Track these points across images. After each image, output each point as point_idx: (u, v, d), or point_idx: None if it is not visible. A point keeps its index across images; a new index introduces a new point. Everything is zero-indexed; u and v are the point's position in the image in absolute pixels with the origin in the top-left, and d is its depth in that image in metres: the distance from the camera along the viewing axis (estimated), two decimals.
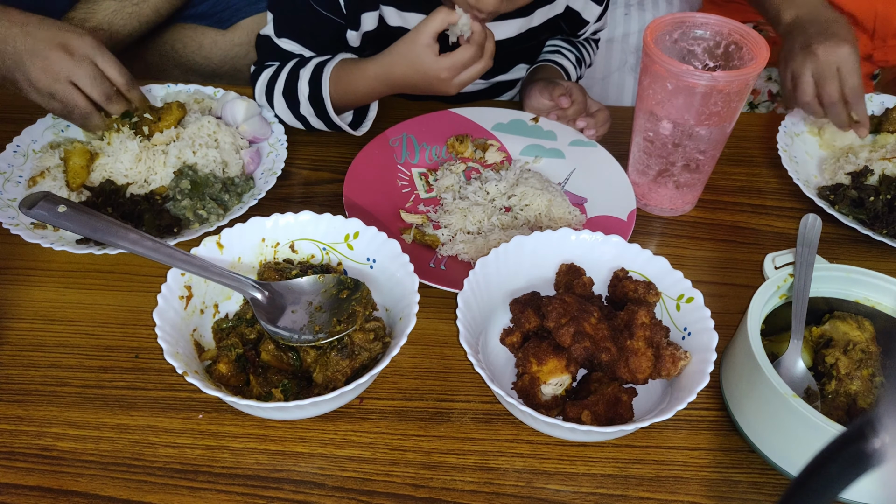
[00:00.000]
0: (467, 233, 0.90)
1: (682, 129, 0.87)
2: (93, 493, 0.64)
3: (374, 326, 0.72)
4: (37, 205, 0.66)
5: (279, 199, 0.96)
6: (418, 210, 0.95)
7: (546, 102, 1.07)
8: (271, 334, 0.70)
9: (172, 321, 0.68)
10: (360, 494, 0.65)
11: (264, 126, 1.02)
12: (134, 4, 1.30)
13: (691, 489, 0.67)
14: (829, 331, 0.74)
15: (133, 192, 0.92)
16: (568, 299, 0.68)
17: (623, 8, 1.81)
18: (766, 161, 1.07)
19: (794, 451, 0.65)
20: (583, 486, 0.67)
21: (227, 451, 0.68)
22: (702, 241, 0.95)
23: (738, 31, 0.88)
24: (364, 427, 0.70)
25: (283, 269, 0.76)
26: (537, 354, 0.68)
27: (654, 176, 0.94)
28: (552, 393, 0.68)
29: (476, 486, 0.66)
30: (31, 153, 0.96)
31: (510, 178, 0.97)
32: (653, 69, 0.84)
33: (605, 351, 0.67)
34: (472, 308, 0.71)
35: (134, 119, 0.98)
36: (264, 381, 0.69)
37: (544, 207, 0.92)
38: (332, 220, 0.77)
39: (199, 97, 1.06)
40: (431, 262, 0.86)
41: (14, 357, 0.75)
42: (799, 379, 0.71)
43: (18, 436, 0.69)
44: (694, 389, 0.63)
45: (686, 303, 0.72)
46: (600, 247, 0.77)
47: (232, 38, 1.48)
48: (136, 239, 0.68)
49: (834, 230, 0.94)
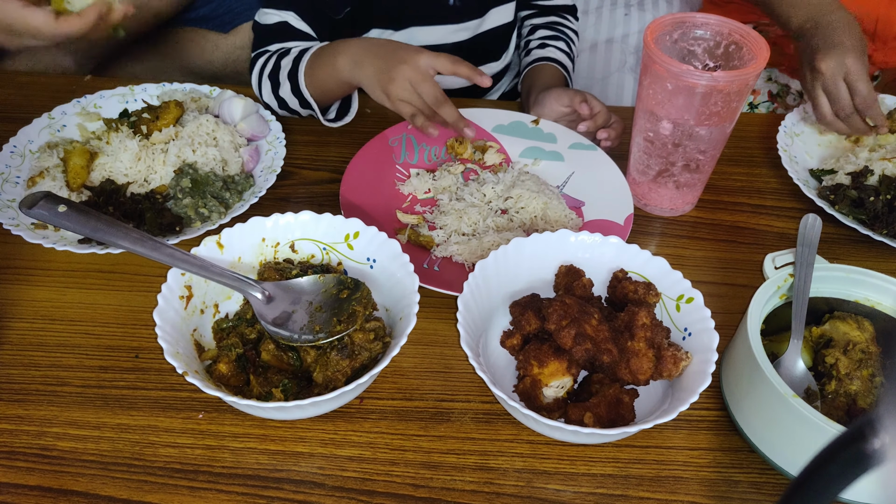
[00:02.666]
0: (462, 234, 0.90)
1: (683, 129, 0.87)
2: (93, 493, 0.64)
3: (374, 326, 0.72)
4: (37, 204, 0.66)
5: (279, 198, 0.96)
6: (415, 210, 0.95)
7: (562, 109, 1.06)
8: (271, 334, 0.70)
9: (173, 321, 0.68)
10: (360, 494, 0.65)
11: (262, 124, 1.02)
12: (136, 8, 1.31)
13: (691, 489, 0.67)
14: (829, 331, 0.74)
15: (133, 191, 0.92)
16: (568, 301, 0.68)
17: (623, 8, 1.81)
18: (766, 161, 1.07)
19: (794, 451, 0.65)
20: (583, 486, 0.67)
21: (227, 451, 0.68)
22: (702, 241, 0.95)
23: (738, 31, 0.88)
24: (364, 427, 0.71)
25: (283, 269, 0.76)
26: (538, 357, 0.68)
27: (654, 176, 0.94)
28: (554, 395, 0.68)
29: (476, 486, 0.66)
30: (29, 153, 0.96)
31: (507, 180, 0.96)
32: (653, 69, 0.84)
33: (607, 352, 0.67)
34: (472, 311, 0.71)
35: (132, 118, 0.98)
36: (264, 381, 0.69)
37: (540, 210, 0.92)
38: (332, 220, 0.78)
39: (196, 96, 1.06)
40: (425, 263, 0.86)
41: (15, 357, 0.75)
42: (799, 379, 0.71)
43: (19, 435, 0.69)
44: (696, 390, 0.63)
45: (686, 303, 0.72)
46: (599, 248, 0.77)
47: (233, 41, 1.48)
48: (136, 238, 0.68)
49: (834, 230, 0.94)
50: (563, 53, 1.20)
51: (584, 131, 1.04)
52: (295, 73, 1.00)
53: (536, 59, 1.19)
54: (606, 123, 1.04)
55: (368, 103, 1.12)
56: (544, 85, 1.12)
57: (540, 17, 1.27)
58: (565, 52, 1.21)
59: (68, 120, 1.00)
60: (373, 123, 1.08)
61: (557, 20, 1.26)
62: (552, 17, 1.27)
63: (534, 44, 1.22)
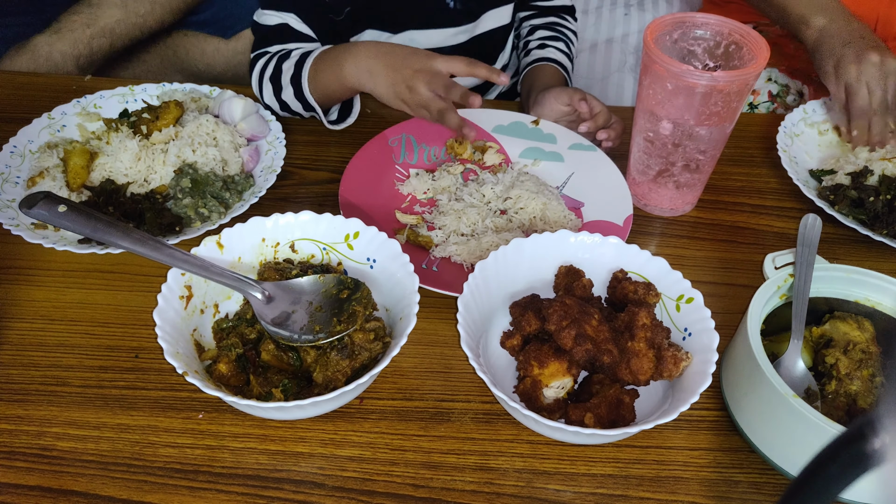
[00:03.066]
0: (461, 235, 0.90)
1: (683, 129, 0.87)
2: (93, 493, 0.64)
3: (374, 326, 0.72)
4: (37, 205, 0.66)
5: (279, 198, 0.96)
6: (414, 211, 0.95)
7: (562, 108, 1.06)
8: (271, 334, 0.70)
9: (172, 321, 0.68)
10: (360, 494, 0.65)
11: (262, 124, 1.02)
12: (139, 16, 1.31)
13: (691, 489, 0.67)
14: (829, 331, 0.74)
15: (133, 191, 0.92)
16: (568, 302, 0.68)
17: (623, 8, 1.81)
18: (766, 161, 1.07)
19: (794, 451, 0.65)
20: (583, 486, 0.67)
21: (227, 451, 0.68)
22: (702, 241, 0.95)
23: (738, 31, 0.88)
24: (364, 427, 0.70)
25: (283, 269, 0.76)
26: (539, 357, 0.68)
27: (654, 176, 0.94)
28: (554, 396, 0.68)
29: (476, 486, 0.66)
30: (28, 153, 0.96)
31: (506, 180, 0.96)
32: (653, 69, 0.84)
33: (607, 353, 0.67)
34: (473, 311, 0.71)
35: (132, 118, 0.98)
36: (264, 381, 0.69)
37: (538, 211, 0.92)
38: (332, 220, 0.77)
39: (196, 96, 1.06)
40: (424, 264, 0.86)
41: (14, 357, 0.75)
42: (799, 379, 0.71)
43: (18, 435, 0.69)
44: (696, 390, 0.63)
45: (686, 303, 0.72)
46: (599, 248, 0.77)
47: (235, 46, 1.48)
48: (136, 238, 0.68)
49: (834, 230, 0.94)
50: (562, 54, 1.21)
51: (585, 132, 1.04)
52: (298, 78, 1.00)
53: (536, 59, 1.19)
54: (607, 124, 1.04)
55: (368, 104, 1.12)
56: (544, 85, 1.12)
57: (539, 18, 1.27)
58: (564, 53, 1.21)
59: (68, 120, 1.00)
60: (373, 123, 1.08)
61: (556, 21, 1.27)
62: (551, 18, 1.27)
63: (533, 44, 1.23)
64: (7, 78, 1.17)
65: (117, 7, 1.29)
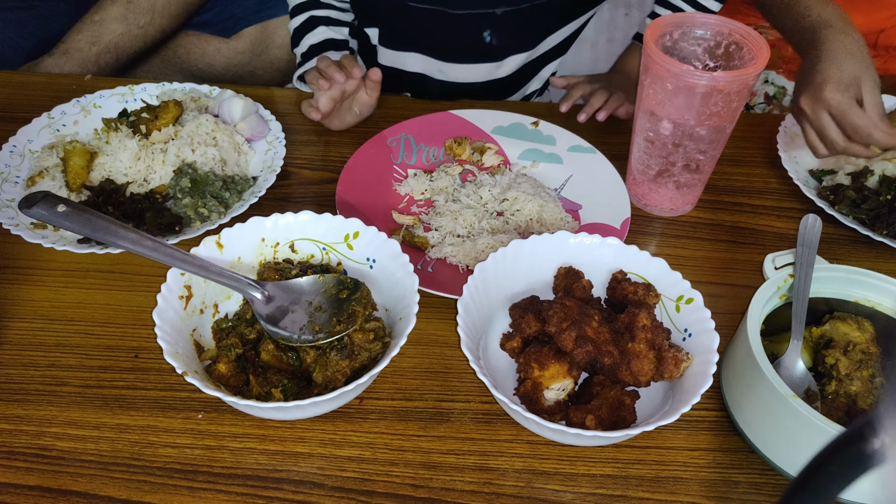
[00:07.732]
0: (457, 236, 0.90)
1: (683, 129, 0.87)
2: (92, 493, 0.64)
3: (374, 326, 0.72)
4: (36, 204, 0.66)
5: (279, 198, 0.96)
6: (411, 211, 0.95)
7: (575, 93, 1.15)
8: (271, 334, 0.70)
9: (172, 321, 0.68)
10: (359, 494, 0.65)
11: (262, 124, 1.02)
12: (140, 28, 1.31)
13: (691, 490, 0.67)
14: (829, 331, 0.73)
15: (133, 191, 0.92)
16: (568, 303, 0.68)
17: (623, 8, 1.81)
18: (766, 161, 1.07)
19: (794, 452, 0.65)
20: (582, 486, 0.67)
21: (226, 451, 0.68)
22: (702, 241, 0.95)
23: (738, 32, 0.88)
24: (364, 427, 0.70)
25: (282, 269, 0.76)
26: (539, 359, 0.68)
27: (654, 176, 0.94)
28: (555, 398, 0.68)
29: (476, 486, 0.66)
30: (28, 153, 0.96)
31: (504, 182, 0.96)
32: (653, 69, 0.84)
33: (607, 354, 0.67)
34: (472, 313, 0.71)
35: (131, 118, 0.98)
36: (264, 381, 0.69)
37: (535, 213, 0.92)
38: (331, 220, 0.77)
39: (196, 95, 1.06)
40: (419, 265, 0.86)
41: (14, 356, 0.75)
42: (799, 379, 0.71)
43: (18, 435, 0.68)
44: (697, 391, 0.63)
45: (686, 304, 0.72)
46: (598, 249, 0.77)
47: (235, 46, 1.48)
48: (135, 238, 0.67)
49: (834, 230, 0.94)
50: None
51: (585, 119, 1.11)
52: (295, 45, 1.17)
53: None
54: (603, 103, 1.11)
55: None
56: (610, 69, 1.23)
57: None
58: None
59: (68, 120, 1.00)
60: (372, 123, 1.08)
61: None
62: None
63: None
64: (7, 78, 1.17)
65: (118, 21, 1.29)
